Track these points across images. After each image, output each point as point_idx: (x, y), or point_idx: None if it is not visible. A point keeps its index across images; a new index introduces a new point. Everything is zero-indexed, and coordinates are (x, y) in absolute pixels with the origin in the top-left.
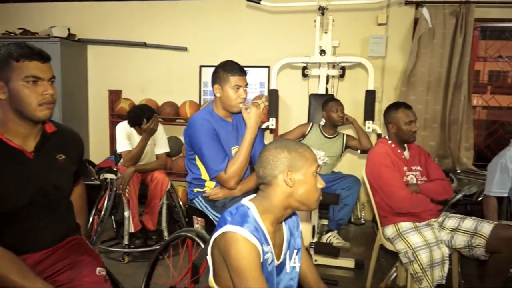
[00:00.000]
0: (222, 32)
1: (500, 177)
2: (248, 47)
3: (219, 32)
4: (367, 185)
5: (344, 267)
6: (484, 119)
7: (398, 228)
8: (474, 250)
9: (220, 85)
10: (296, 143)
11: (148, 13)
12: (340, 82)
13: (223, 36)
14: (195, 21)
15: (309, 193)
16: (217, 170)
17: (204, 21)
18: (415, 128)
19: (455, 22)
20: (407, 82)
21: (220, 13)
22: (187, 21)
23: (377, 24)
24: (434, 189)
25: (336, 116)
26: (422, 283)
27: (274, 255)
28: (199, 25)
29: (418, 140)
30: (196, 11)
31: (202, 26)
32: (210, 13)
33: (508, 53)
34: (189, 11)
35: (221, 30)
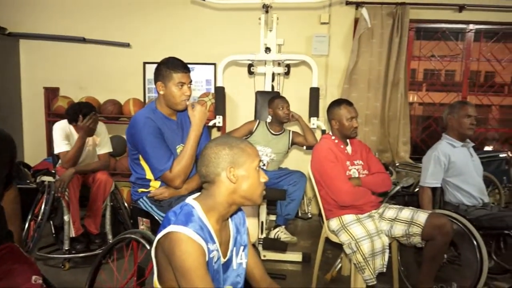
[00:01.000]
0: (167, 28)
1: (433, 169)
2: (193, 44)
3: (163, 28)
4: (312, 180)
5: (292, 261)
6: (420, 114)
7: (342, 220)
8: (411, 238)
9: (163, 82)
10: (237, 139)
11: (87, 6)
12: (285, 80)
13: (167, 33)
14: (138, 16)
15: (253, 188)
16: (162, 170)
17: (148, 17)
18: (356, 124)
19: (392, 23)
20: (349, 80)
21: (165, 9)
22: (130, 16)
23: (320, 23)
24: (374, 182)
25: (282, 113)
26: (365, 272)
27: (220, 253)
28: (142, 20)
29: (360, 136)
30: (139, 5)
31: (146, 21)
32: (154, 8)
33: (440, 52)
34: (132, 5)
35: (165, 26)
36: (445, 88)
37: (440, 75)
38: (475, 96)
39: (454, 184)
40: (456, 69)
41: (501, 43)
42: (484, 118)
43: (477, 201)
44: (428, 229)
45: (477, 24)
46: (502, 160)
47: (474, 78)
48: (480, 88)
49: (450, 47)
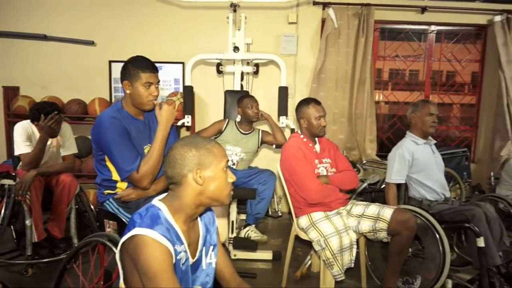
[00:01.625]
0: (133, 26)
1: (398, 166)
2: (161, 43)
3: (129, 25)
4: (282, 179)
5: (262, 260)
6: (387, 113)
7: (311, 218)
8: (378, 233)
9: (130, 81)
10: (204, 140)
11: (49, 2)
12: (254, 79)
13: (134, 30)
14: (103, 13)
15: (220, 188)
16: (128, 170)
17: (113, 14)
18: (324, 122)
19: (358, 23)
20: (318, 79)
21: (131, 6)
22: (94, 13)
23: (288, 22)
24: (342, 180)
25: (251, 112)
26: (333, 268)
27: (188, 254)
28: (107, 17)
29: (328, 134)
30: (103, 2)
31: (111, 18)
32: (120, 5)
33: (404, 53)
34: (96, 2)
35: (131, 23)
36: (409, 87)
37: (405, 75)
38: (437, 95)
39: (418, 180)
40: (419, 69)
41: (461, 44)
42: (446, 116)
43: (439, 196)
44: (394, 224)
45: (438, 25)
46: (462, 157)
47: (436, 77)
48: (442, 87)
49: (413, 48)
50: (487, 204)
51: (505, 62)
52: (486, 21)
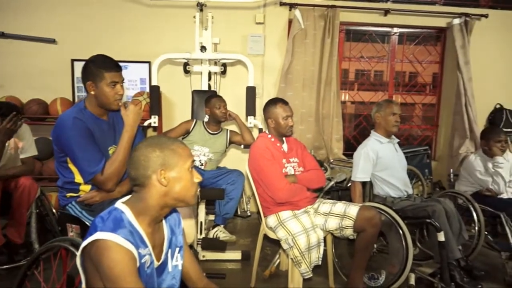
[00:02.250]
0: (96, 24)
1: (363, 165)
2: (126, 41)
3: (93, 23)
4: (250, 178)
5: (231, 260)
6: (353, 113)
7: (279, 217)
8: (344, 230)
9: (94, 81)
10: (168, 140)
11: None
12: (222, 79)
13: (97, 28)
14: (65, 10)
15: (185, 189)
16: (92, 172)
17: (75, 11)
18: (291, 122)
19: (324, 25)
20: (285, 79)
21: (94, 3)
22: (55, 10)
23: (255, 23)
24: (309, 179)
25: (219, 112)
26: (301, 266)
27: (153, 257)
28: (69, 15)
29: (296, 134)
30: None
31: (73, 16)
32: (82, 2)
33: (369, 54)
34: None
35: (95, 21)
36: (373, 87)
37: (370, 75)
38: (400, 95)
39: (382, 178)
40: (383, 69)
41: (422, 46)
42: (408, 116)
43: (402, 193)
44: (359, 221)
45: (400, 27)
46: (423, 155)
47: (399, 78)
48: (404, 87)
49: (377, 49)
50: (447, 200)
51: (463, 64)
52: (446, 24)
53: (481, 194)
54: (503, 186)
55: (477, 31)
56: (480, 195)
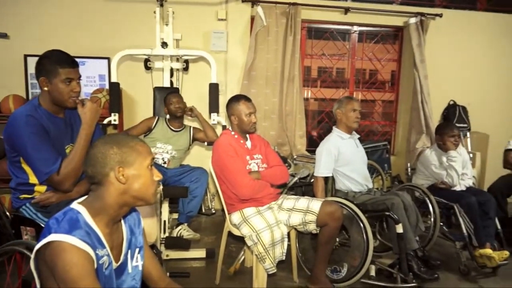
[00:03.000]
0: (52, 18)
1: (325, 160)
2: (84, 36)
3: (48, 17)
4: (213, 176)
5: (196, 258)
6: (316, 109)
7: (243, 213)
8: (307, 225)
9: (48, 78)
10: (127, 137)
11: None
12: (185, 75)
13: (53, 22)
14: (17, 3)
15: (145, 187)
16: (48, 172)
17: (29, 4)
18: (255, 119)
19: (286, 22)
20: (248, 76)
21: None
22: (7, 3)
23: (217, 19)
24: (273, 175)
25: (173, 108)
26: (265, 261)
27: (111, 258)
28: (22, 8)
29: (260, 130)
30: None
31: (27, 9)
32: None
33: (330, 51)
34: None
35: (50, 15)
36: (335, 84)
37: (332, 73)
38: (360, 92)
39: (343, 173)
40: (345, 67)
41: (381, 44)
42: (369, 112)
43: (363, 187)
44: (322, 216)
45: (360, 26)
46: (383, 150)
47: (359, 75)
48: (365, 84)
49: (338, 47)
50: (405, 193)
51: (419, 62)
52: (403, 23)
53: (436, 186)
54: (457, 179)
55: (432, 30)
56: (435, 187)
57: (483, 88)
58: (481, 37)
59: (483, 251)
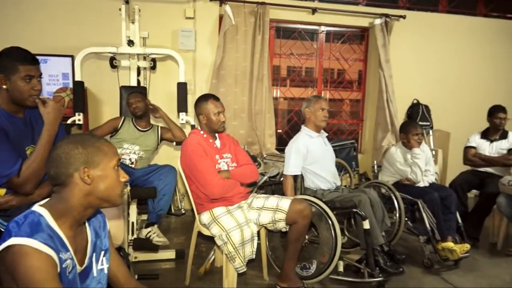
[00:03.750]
0: (10, 13)
1: (294, 159)
2: (46, 33)
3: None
4: (182, 175)
5: (165, 259)
6: (286, 108)
7: (213, 213)
8: (277, 224)
9: (6, 75)
10: (92, 137)
11: None
12: (152, 74)
13: (12, 18)
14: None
15: (111, 188)
16: (7, 175)
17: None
18: (223, 118)
19: (254, 21)
20: (217, 75)
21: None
22: None
23: (185, 17)
24: (243, 174)
25: (131, 109)
26: (235, 261)
27: (75, 261)
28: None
29: (229, 129)
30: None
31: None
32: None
33: (298, 51)
34: None
35: (8, 10)
36: (304, 83)
37: (301, 72)
38: (328, 91)
39: (312, 171)
40: (314, 66)
41: (348, 44)
42: (337, 111)
43: (331, 185)
44: (291, 214)
45: (327, 26)
46: (351, 148)
47: (327, 75)
48: (332, 84)
49: (306, 46)
50: (371, 190)
51: (384, 62)
52: (368, 24)
53: (401, 183)
54: (420, 175)
55: (396, 31)
56: (400, 184)
57: (444, 88)
58: (443, 38)
59: (445, 245)
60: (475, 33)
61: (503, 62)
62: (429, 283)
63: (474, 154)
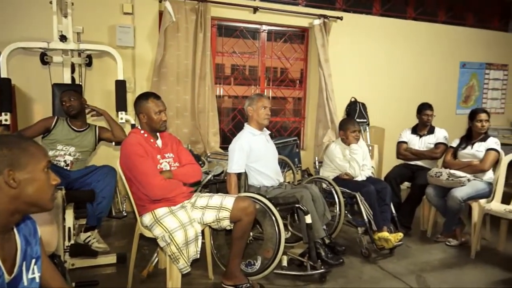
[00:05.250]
0: None
1: (238, 157)
2: None
3: None
4: (123, 177)
5: (106, 265)
6: (231, 107)
7: (155, 214)
8: (221, 222)
9: None
10: (18, 138)
11: None
12: (89, 71)
13: None
14: None
15: (40, 192)
16: None
17: None
18: (165, 117)
19: (196, 18)
20: (158, 73)
21: None
22: None
23: (123, 13)
24: (185, 173)
25: (64, 107)
26: (179, 261)
27: (3, 270)
28: None
29: (172, 128)
30: None
31: None
32: None
33: (241, 49)
34: None
35: None
36: (247, 82)
37: (244, 71)
38: (271, 89)
39: (255, 168)
40: (257, 65)
41: (289, 43)
42: (280, 109)
43: (275, 181)
44: (235, 211)
45: (269, 25)
46: (293, 145)
47: (270, 73)
48: (275, 82)
49: (248, 45)
50: (313, 185)
51: (323, 61)
52: (308, 24)
53: (341, 178)
54: (358, 170)
55: (334, 31)
56: (340, 179)
57: (379, 86)
58: (377, 40)
59: (381, 234)
60: (405, 35)
61: (431, 63)
62: (367, 271)
63: (405, 148)
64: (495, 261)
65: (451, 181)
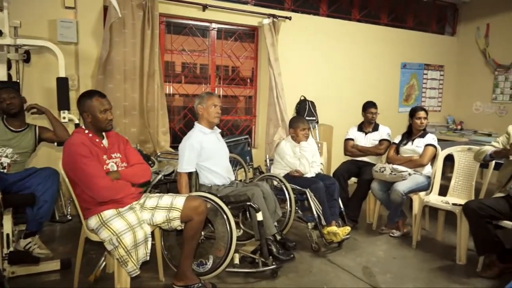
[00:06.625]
0: None
1: (188, 156)
2: None
3: None
4: (66, 179)
5: (49, 271)
6: (181, 105)
7: (102, 217)
8: (172, 222)
9: None
10: None
11: None
12: (27, 68)
13: None
14: None
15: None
16: None
17: None
18: (110, 116)
19: (143, 15)
20: (104, 70)
21: None
22: None
23: (64, 7)
24: (134, 174)
25: (5, 106)
26: (128, 264)
27: None
28: None
29: (120, 127)
30: None
31: None
32: None
33: (190, 47)
34: None
35: None
36: (197, 80)
37: (195, 69)
38: (221, 88)
39: (206, 167)
40: (208, 63)
41: (239, 42)
42: (231, 108)
43: (226, 180)
44: (186, 211)
45: (218, 23)
46: (245, 143)
47: (221, 72)
48: (226, 81)
49: (198, 43)
50: (264, 183)
51: (273, 60)
52: (257, 23)
53: (291, 175)
54: (308, 166)
55: (283, 31)
56: (290, 176)
57: (327, 85)
58: (324, 40)
59: (330, 229)
60: (350, 36)
61: (374, 63)
62: (317, 265)
63: (352, 145)
64: (434, 250)
65: (394, 175)
